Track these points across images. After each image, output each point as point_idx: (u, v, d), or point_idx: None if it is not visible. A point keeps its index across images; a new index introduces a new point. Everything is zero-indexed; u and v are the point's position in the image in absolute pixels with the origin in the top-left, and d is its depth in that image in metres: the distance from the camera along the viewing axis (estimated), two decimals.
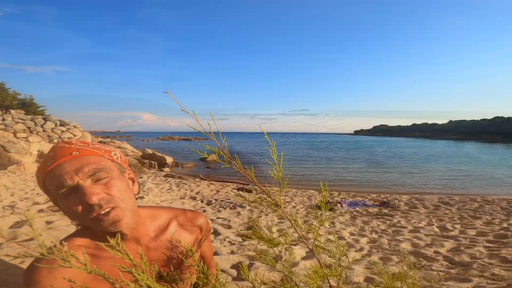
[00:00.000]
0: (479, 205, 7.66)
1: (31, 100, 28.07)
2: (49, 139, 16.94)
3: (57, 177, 0.73)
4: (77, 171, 0.73)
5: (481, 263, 3.24)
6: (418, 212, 6.89)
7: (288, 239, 1.08)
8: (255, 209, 6.71)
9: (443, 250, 3.93)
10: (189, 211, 1.07)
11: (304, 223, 5.41)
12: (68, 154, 0.75)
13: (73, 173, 0.73)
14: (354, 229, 5.18)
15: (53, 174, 0.73)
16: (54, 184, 0.73)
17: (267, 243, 1.08)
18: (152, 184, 9.78)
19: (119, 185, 0.79)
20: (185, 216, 1.03)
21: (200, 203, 7.32)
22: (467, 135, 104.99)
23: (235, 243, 3.82)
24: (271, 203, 0.99)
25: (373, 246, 4.13)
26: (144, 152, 19.31)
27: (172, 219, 0.99)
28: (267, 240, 1.07)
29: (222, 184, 11.40)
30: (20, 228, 3.08)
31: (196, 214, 1.07)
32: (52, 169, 0.74)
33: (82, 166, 0.74)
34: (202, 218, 1.07)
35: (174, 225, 0.98)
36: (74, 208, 0.72)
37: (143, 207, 0.96)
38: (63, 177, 0.72)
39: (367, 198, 8.85)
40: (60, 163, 0.74)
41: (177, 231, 0.97)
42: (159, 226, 0.94)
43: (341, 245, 1.13)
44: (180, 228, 0.99)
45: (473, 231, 4.98)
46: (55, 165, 0.74)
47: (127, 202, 0.79)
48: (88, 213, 0.72)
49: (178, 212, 1.03)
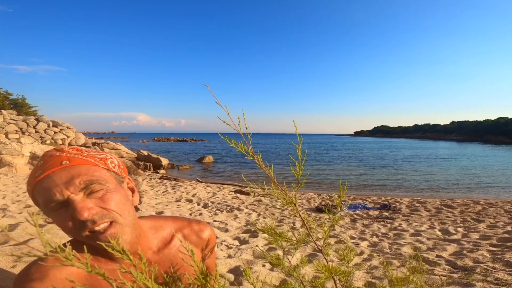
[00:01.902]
0: (482, 208, 7.68)
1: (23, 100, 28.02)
2: (41, 140, 16.91)
3: (46, 191, 0.68)
4: (68, 184, 0.68)
5: (485, 268, 3.25)
6: (419, 215, 6.91)
7: (300, 239, 1.07)
8: (253, 212, 6.70)
9: (445, 254, 3.94)
10: (195, 222, 1.03)
11: (303, 226, 5.41)
12: (58, 164, 0.70)
13: (63, 186, 0.68)
14: (354, 232, 5.19)
15: (41, 187, 0.69)
16: (42, 197, 0.69)
17: (279, 239, 1.07)
18: (147, 187, 9.76)
19: (116, 198, 0.74)
20: (190, 228, 0.99)
21: (196, 205, 7.30)
22: (470, 136, 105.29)
23: (232, 247, 3.81)
24: (288, 201, 0.98)
25: (373, 250, 4.14)
26: (139, 153, 19.28)
27: (177, 231, 0.95)
28: (282, 236, 1.06)
29: (219, 187, 11.38)
30: (12, 232, 3.07)
31: (202, 226, 1.03)
32: (40, 181, 0.69)
33: (72, 178, 0.69)
34: (209, 230, 1.04)
35: (179, 237, 0.94)
36: (65, 224, 0.68)
37: (145, 217, 0.92)
38: (52, 191, 0.67)
39: (367, 201, 8.86)
40: (49, 175, 0.69)
41: (181, 245, 0.93)
42: (163, 239, 0.91)
43: (350, 248, 1.13)
44: (185, 241, 0.95)
45: (476, 235, 4.99)
46: (42, 176, 0.69)
47: (126, 216, 0.74)
48: (80, 230, 0.68)
49: (183, 223, 1.00)
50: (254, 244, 3.94)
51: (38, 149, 14.05)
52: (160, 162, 18.04)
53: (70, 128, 19.07)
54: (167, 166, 18.75)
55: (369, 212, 7.28)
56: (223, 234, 4.48)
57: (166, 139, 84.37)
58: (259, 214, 6.46)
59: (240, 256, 3.40)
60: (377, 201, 8.92)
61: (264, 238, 4.30)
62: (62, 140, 18.08)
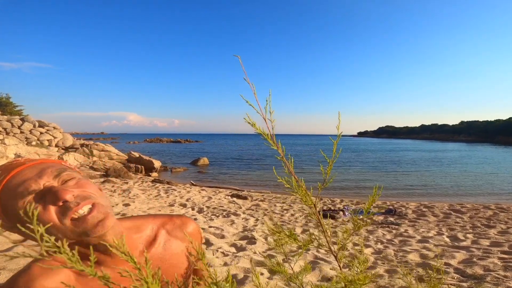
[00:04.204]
0: (493, 213, 7.70)
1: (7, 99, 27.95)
2: (27, 141, 16.84)
3: (17, 186, 0.66)
4: (40, 174, 0.68)
5: (496, 276, 3.25)
6: (427, 221, 6.91)
7: (308, 241, 1.06)
8: (251, 217, 6.69)
9: (454, 262, 3.94)
10: (176, 216, 1.03)
11: (303, 232, 5.40)
12: (22, 165, 0.70)
13: (36, 177, 0.67)
14: (358, 239, 5.18)
15: (10, 186, 0.66)
16: (13, 196, 0.66)
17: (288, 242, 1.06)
18: (138, 190, 9.73)
19: (91, 184, 0.75)
20: (172, 223, 0.99)
21: (190, 210, 7.29)
22: (479, 137, 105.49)
23: (228, 254, 3.80)
24: (309, 203, 0.96)
25: (378, 258, 4.13)
26: (130, 155, 19.24)
27: (160, 228, 0.94)
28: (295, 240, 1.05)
29: (215, 190, 11.36)
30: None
31: (185, 219, 1.02)
32: (8, 181, 0.67)
33: (43, 170, 0.69)
34: (193, 224, 1.04)
35: (162, 234, 0.93)
36: (46, 216, 0.65)
37: (123, 218, 0.91)
38: (26, 183, 0.66)
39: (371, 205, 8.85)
40: (17, 172, 0.68)
41: (167, 241, 0.92)
42: (147, 238, 0.90)
43: (365, 256, 1.12)
44: (170, 236, 0.95)
45: (487, 241, 5.00)
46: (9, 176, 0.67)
47: (105, 201, 0.74)
48: (65, 215, 0.65)
49: (164, 219, 0.99)
50: (252, 251, 3.93)
51: (23, 150, 13.99)
52: (152, 165, 17.99)
53: (57, 129, 18.98)
54: (159, 168, 18.70)
55: (373, 217, 7.28)
56: (219, 241, 4.47)
57: (159, 140, 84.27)
58: (257, 220, 6.44)
59: (237, 264, 3.38)
60: (381, 205, 8.92)
61: (266, 243, 4.28)
62: (49, 141, 18.02)
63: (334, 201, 9.78)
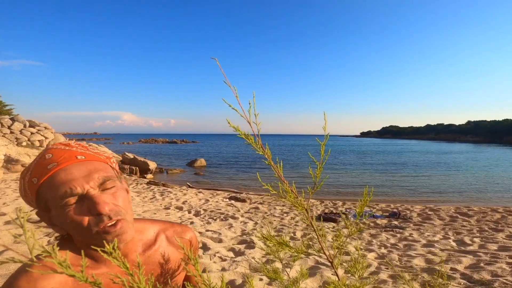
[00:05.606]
0: (501, 216, 7.71)
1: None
2: (17, 142, 16.81)
3: (62, 184, 0.70)
4: (87, 178, 0.72)
5: (504, 281, 3.25)
6: (432, 224, 6.91)
7: (301, 249, 1.06)
8: (250, 220, 6.69)
9: (460, 267, 3.94)
10: (177, 224, 1.08)
11: (304, 235, 5.40)
12: (73, 158, 0.74)
13: (83, 180, 0.72)
14: (360, 243, 5.18)
15: (56, 180, 0.70)
16: (56, 191, 0.70)
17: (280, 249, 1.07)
18: (133, 193, 9.72)
19: (124, 195, 0.79)
20: (173, 230, 1.03)
21: (187, 213, 7.28)
22: (487, 137, 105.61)
23: (226, 258, 3.80)
24: (300, 207, 0.97)
25: (381, 262, 4.13)
26: (124, 156, 19.24)
27: (160, 233, 0.99)
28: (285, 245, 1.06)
29: (212, 193, 11.36)
30: None
31: (185, 228, 1.08)
32: (55, 173, 0.71)
33: (91, 173, 0.74)
34: (191, 232, 1.09)
35: (162, 239, 0.98)
36: (79, 219, 0.70)
37: None
38: (71, 184, 0.70)
39: (375, 209, 8.87)
40: (66, 167, 0.72)
41: (165, 246, 0.97)
42: (147, 241, 0.94)
43: (363, 261, 1.12)
44: (169, 242, 0.99)
45: (495, 246, 5.00)
46: (58, 168, 0.71)
47: (130, 214, 0.80)
48: (96, 224, 0.71)
49: (166, 225, 1.04)
50: (251, 256, 3.92)
51: (13, 151, 13.96)
52: (147, 166, 17.99)
53: (48, 129, 18.96)
54: (155, 170, 18.71)
55: (376, 220, 7.28)
56: (217, 245, 4.46)
57: (154, 141, 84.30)
58: (256, 223, 6.44)
59: (235, 269, 3.38)
60: (385, 208, 8.92)
61: (262, 249, 4.27)
62: (40, 142, 17.98)
63: (336, 204, 9.77)
